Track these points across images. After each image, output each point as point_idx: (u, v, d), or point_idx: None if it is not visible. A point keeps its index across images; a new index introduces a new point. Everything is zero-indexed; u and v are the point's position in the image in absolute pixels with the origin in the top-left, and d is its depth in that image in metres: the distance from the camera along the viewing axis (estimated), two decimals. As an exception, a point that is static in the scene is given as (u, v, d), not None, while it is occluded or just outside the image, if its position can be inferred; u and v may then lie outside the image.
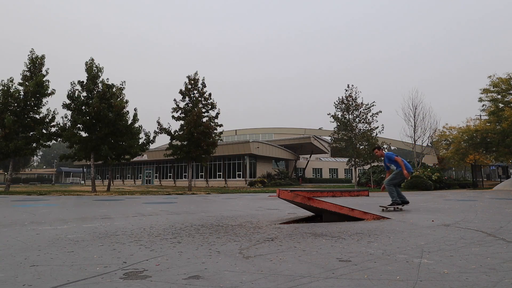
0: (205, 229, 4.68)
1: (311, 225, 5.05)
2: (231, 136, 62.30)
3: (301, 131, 60.53)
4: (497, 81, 26.39)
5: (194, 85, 24.25)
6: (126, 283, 2.19)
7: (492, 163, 35.51)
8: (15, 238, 3.91)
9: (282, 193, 5.64)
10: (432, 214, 6.36)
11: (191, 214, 6.95)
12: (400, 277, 2.30)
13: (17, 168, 56.76)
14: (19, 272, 2.47)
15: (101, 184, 41.10)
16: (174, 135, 23.69)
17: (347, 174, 52.91)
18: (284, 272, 2.45)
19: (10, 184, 20.61)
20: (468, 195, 14.80)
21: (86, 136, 20.51)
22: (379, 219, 5.57)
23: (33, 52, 20.43)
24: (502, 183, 24.97)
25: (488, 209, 7.42)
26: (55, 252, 3.14)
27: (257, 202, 11.10)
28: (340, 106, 25.74)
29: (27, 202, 11.02)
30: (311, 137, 45.53)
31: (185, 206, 9.38)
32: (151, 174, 47.50)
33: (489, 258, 2.83)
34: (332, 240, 3.76)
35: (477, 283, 2.15)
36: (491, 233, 4.15)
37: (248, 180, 36.55)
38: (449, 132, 31.21)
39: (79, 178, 72.84)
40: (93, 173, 21.00)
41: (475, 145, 27.35)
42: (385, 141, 28.98)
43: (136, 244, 3.52)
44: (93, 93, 20.46)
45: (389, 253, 3.06)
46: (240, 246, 3.45)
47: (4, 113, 19.05)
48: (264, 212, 7.26)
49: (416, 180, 22.87)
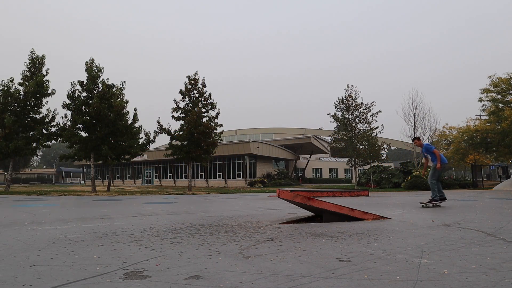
0: (205, 229, 4.68)
1: (311, 225, 5.05)
2: (231, 136, 62.32)
3: (301, 131, 60.58)
4: (497, 81, 26.39)
5: (194, 85, 24.26)
6: (126, 283, 2.19)
7: (492, 163, 35.52)
8: (15, 238, 3.91)
9: (282, 193, 5.65)
10: (432, 214, 6.36)
11: (191, 214, 6.95)
12: (400, 277, 2.30)
13: (17, 168, 56.79)
14: (19, 272, 2.47)
15: (101, 184, 41.11)
16: (174, 135, 23.70)
17: (347, 174, 52.92)
18: (284, 272, 2.45)
19: (10, 184, 20.61)
20: (468, 195, 14.80)
21: (86, 136, 20.52)
22: (379, 219, 5.57)
23: (34, 52, 20.46)
24: (502, 183, 24.97)
25: (488, 209, 7.42)
26: (55, 252, 3.14)
27: (257, 202, 11.10)
28: (340, 106, 25.76)
29: (27, 202, 11.01)
30: (311, 137, 45.54)
31: (185, 206, 9.38)
32: (151, 174, 47.51)
33: (489, 258, 2.83)
34: (332, 240, 3.76)
35: (477, 283, 2.15)
36: (491, 233, 4.15)
37: (248, 180, 36.55)
38: (449, 132, 31.21)
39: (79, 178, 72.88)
40: (93, 173, 21.00)
41: (475, 145, 27.36)
42: (385, 141, 28.97)
43: (136, 244, 3.52)
44: (93, 93, 20.47)
45: (389, 253, 3.06)
46: (240, 246, 3.45)
47: (4, 113, 19.06)
48: (264, 212, 7.26)
49: (416, 180, 22.87)
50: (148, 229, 4.67)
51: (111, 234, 4.23)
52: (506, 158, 28.94)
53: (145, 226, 4.93)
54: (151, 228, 4.78)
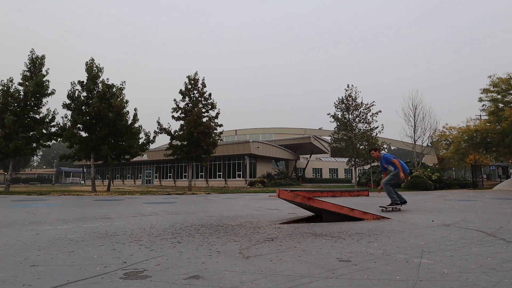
0: (205, 229, 4.68)
1: (311, 225, 5.05)
2: (231, 136, 62.31)
3: (301, 131, 60.56)
4: (497, 81, 26.38)
5: (194, 85, 24.25)
6: (126, 283, 2.19)
7: (492, 163, 35.51)
8: (15, 238, 3.91)
9: (282, 193, 5.64)
10: (432, 214, 6.36)
11: (191, 214, 6.95)
12: (400, 277, 2.30)
13: (17, 168, 56.77)
14: (19, 272, 2.47)
15: (101, 184, 41.10)
16: (174, 135, 23.69)
17: (347, 174, 52.91)
18: (284, 272, 2.45)
19: (10, 184, 20.61)
20: (468, 195, 14.80)
21: (86, 136, 20.51)
22: (379, 219, 5.57)
23: (33, 52, 20.46)
24: (502, 183, 24.98)
25: (488, 209, 7.42)
26: (55, 252, 3.14)
27: (257, 202, 11.09)
28: (340, 106, 25.75)
29: (27, 202, 11.01)
30: (311, 137, 45.52)
31: (185, 206, 9.38)
32: (151, 174, 47.50)
33: (489, 258, 2.83)
34: (332, 240, 3.76)
35: (477, 283, 2.15)
36: (491, 233, 4.15)
37: (248, 180, 36.55)
38: (449, 132, 31.21)
39: (79, 178, 72.84)
40: (93, 173, 21.00)
41: (475, 145, 27.35)
42: (385, 141, 28.98)
43: (136, 244, 3.52)
44: (93, 93, 20.46)
45: (389, 253, 3.06)
46: (240, 246, 3.45)
47: (4, 113, 19.05)
48: (264, 212, 7.26)
49: (416, 180, 22.87)
50: (148, 229, 4.67)
51: (111, 234, 4.23)
52: (506, 158, 28.93)
53: (145, 226, 4.93)
54: (151, 228, 4.78)
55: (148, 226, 4.93)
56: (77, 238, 3.93)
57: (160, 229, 4.68)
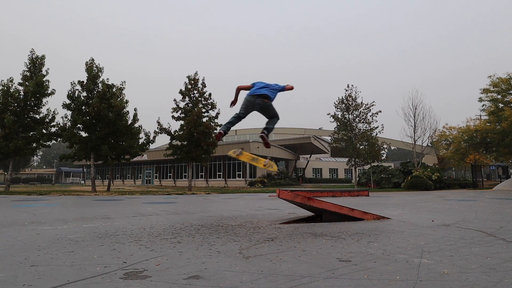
0: (205, 229, 4.68)
1: (311, 225, 5.05)
2: (231, 136, 62.28)
3: (301, 131, 60.54)
4: (497, 81, 26.38)
5: (194, 85, 24.25)
6: (126, 283, 2.19)
7: (492, 163, 35.50)
8: (15, 238, 3.91)
9: (282, 193, 5.65)
10: (432, 214, 6.36)
11: (191, 214, 6.95)
12: (400, 277, 2.30)
13: (17, 168, 56.74)
14: (19, 272, 2.47)
15: (101, 184, 41.09)
16: (174, 135, 23.69)
17: (347, 174, 52.89)
18: (284, 272, 2.45)
19: (10, 184, 20.61)
20: (468, 195, 14.80)
21: (86, 136, 20.50)
22: (379, 219, 5.57)
23: (33, 52, 20.45)
24: (502, 183, 24.98)
25: (488, 209, 7.42)
26: (55, 252, 3.14)
27: (257, 202, 11.09)
28: (340, 106, 25.74)
29: (27, 202, 11.01)
30: (311, 137, 45.53)
31: (185, 206, 9.38)
32: (151, 174, 47.50)
33: (489, 258, 2.83)
34: (332, 240, 3.76)
35: (477, 283, 2.15)
36: (491, 233, 4.15)
37: (248, 180, 36.55)
38: (449, 132, 31.20)
39: (79, 178, 72.81)
40: (93, 173, 21.00)
41: (475, 145, 27.35)
42: (385, 141, 28.95)
43: (136, 244, 3.52)
44: (93, 93, 20.46)
45: (389, 253, 3.06)
46: (240, 246, 3.45)
47: (4, 113, 19.04)
48: (264, 212, 7.27)
49: (416, 180, 22.87)
50: (148, 229, 4.67)
51: (111, 234, 4.23)
52: (506, 158, 28.92)
53: (145, 226, 4.93)
54: (151, 228, 4.78)
55: (148, 226, 4.93)
56: (77, 238, 3.93)
57: (160, 229, 4.68)
